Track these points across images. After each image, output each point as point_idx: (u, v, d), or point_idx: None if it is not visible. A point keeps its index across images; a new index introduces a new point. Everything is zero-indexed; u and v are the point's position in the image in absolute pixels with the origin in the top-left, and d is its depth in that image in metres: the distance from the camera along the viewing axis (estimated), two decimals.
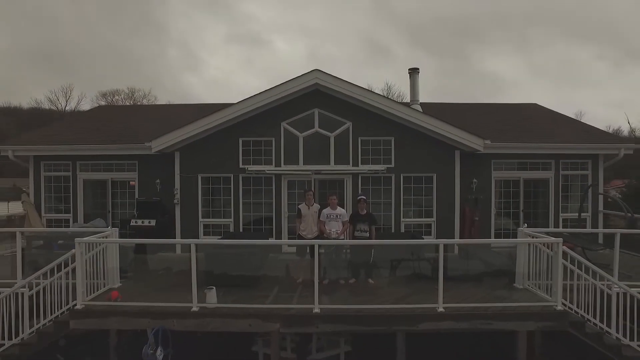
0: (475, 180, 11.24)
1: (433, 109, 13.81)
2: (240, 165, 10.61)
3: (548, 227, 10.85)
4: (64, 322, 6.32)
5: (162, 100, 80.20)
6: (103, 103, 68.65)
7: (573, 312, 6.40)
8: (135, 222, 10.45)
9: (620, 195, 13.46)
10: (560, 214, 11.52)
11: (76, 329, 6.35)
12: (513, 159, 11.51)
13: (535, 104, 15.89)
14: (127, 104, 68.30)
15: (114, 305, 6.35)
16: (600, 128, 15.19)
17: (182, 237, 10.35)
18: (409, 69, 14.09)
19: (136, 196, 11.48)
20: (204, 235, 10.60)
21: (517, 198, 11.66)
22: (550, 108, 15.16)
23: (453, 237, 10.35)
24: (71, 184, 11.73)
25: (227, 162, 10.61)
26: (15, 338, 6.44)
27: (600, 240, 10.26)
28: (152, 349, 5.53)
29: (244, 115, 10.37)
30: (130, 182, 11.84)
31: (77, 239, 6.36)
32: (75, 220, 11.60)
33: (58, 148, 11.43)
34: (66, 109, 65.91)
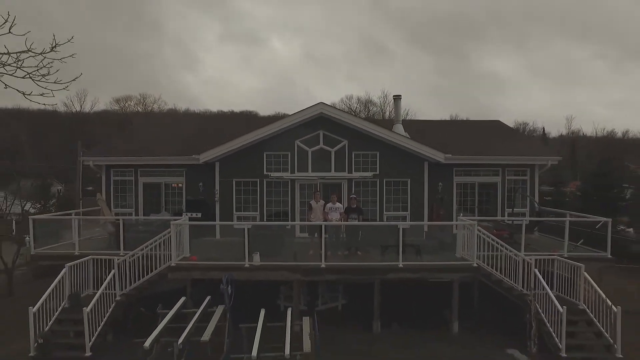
0: (441, 183, 14.91)
1: (413, 126, 17.60)
2: (265, 172, 14.30)
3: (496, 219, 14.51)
4: (163, 274, 10.00)
5: (170, 103, 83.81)
6: (116, 108, 72.45)
7: (492, 272, 10.08)
8: (186, 214, 14.09)
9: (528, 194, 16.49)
10: (506, 209, 15.16)
11: (172, 279, 10.03)
12: (470, 168, 15.18)
13: (498, 121, 19.61)
14: (139, 109, 72.15)
15: (195, 263, 10.03)
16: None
17: (222, 231, 13.94)
18: (393, 96, 17.82)
19: (183, 196, 15.16)
20: (239, 225, 14.23)
21: (473, 197, 15.34)
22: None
23: (422, 227, 14.01)
24: (133, 186, 15.43)
25: (255, 170, 14.29)
26: (130, 285, 10.13)
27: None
28: (225, 286, 9.15)
29: (267, 136, 14.05)
30: (174, 185, 15.52)
31: (172, 222, 10.08)
32: (136, 213, 15.25)
33: (125, 159, 15.13)
34: (80, 111, 69.59)
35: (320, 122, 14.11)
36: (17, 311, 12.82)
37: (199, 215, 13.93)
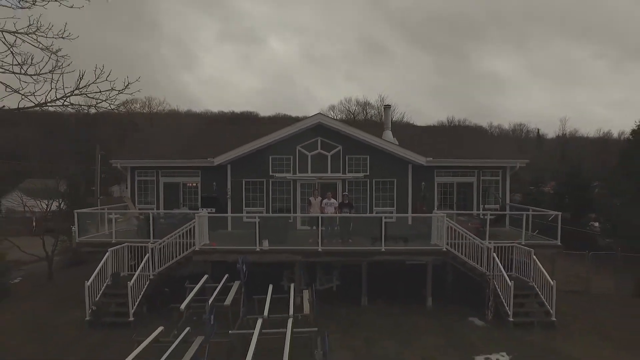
0: (423, 183, 17.11)
1: (404, 132, 19.85)
2: (270, 173, 16.51)
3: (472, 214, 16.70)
4: (189, 257, 12.23)
5: (172, 104, 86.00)
6: (122, 110, 74.80)
7: (458, 255, 12.29)
8: (202, 209, 16.30)
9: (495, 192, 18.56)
10: (480, 206, 17.38)
11: (196, 260, 12.25)
12: (449, 169, 17.37)
13: (479, 127, 21.85)
14: (145, 110, 74.47)
15: (215, 248, 12.26)
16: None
17: (233, 223, 16.14)
18: (384, 105, 20.03)
19: (199, 194, 17.37)
20: (248, 218, 16.45)
21: (452, 195, 17.54)
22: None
23: (407, 221, 16.18)
24: (155, 185, 17.65)
25: (261, 171, 16.49)
26: (160, 267, 12.35)
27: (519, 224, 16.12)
28: (241, 265, 11.34)
29: (273, 142, 16.25)
30: (190, 184, 17.73)
31: (196, 214, 12.29)
32: (157, 209, 17.44)
33: (148, 162, 17.34)
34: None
35: (318, 130, 16.32)
36: (62, 290, 15.14)
37: (213, 210, 16.11)
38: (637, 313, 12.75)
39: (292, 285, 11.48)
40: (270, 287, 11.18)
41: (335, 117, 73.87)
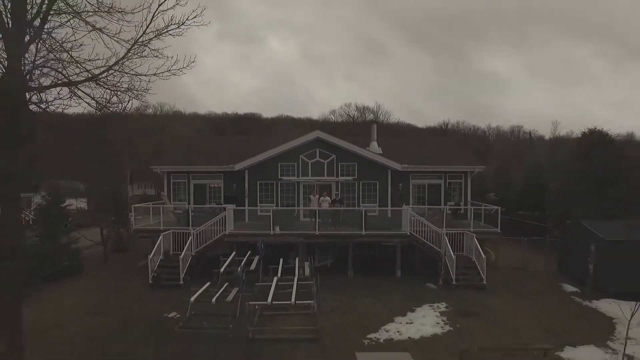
0: (400, 184, 21.46)
1: (387, 142, 24.12)
2: (279, 177, 20.89)
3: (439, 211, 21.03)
4: (221, 239, 16.66)
5: (177, 106, 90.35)
6: (142, 111, 79.46)
7: (418, 238, 16.66)
8: (225, 206, 20.70)
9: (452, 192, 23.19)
10: (446, 204, 21.71)
11: (227, 241, 16.68)
12: (421, 173, 21.72)
13: (449, 138, 26.13)
14: (157, 112, 78.89)
15: (241, 232, 16.68)
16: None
17: (249, 214, 20.50)
18: (371, 120, 24.37)
19: (222, 193, 21.76)
20: (261, 212, 20.84)
21: (424, 194, 21.90)
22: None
23: (387, 214, 20.48)
24: (186, 186, 22.07)
25: (272, 175, 20.87)
26: (198, 247, 16.76)
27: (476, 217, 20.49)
28: (260, 244, 15.71)
29: (281, 152, 20.63)
30: (214, 185, 22.13)
31: (227, 207, 16.72)
32: (189, 205, 21.83)
33: (181, 168, 21.77)
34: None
35: (317, 143, 20.73)
36: (120, 267, 19.60)
37: (235, 205, 20.57)
38: (549, 281, 17.12)
39: (297, 260, 15.86)
40: (281, 260, 15.58)
41: (335, 121, 78.27)
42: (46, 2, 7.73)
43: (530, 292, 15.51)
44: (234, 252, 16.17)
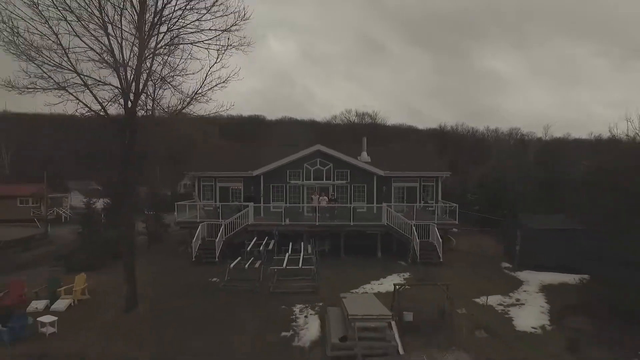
0: (384, 187, 26.90)
1: (376, 151, 29.55)
2: (287, 180, 26.41)
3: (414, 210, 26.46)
4: (245, 228, 22.21)
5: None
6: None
7: (392, 227, 22.13)
8: (245, 204, 26.22)
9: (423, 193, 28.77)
10: (420, 202, 27.14)
11: (249, 230, 22.21)
12: (401, 178, 27.17)
13: (424, 146, 31.58)
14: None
15: (261, 222, 22.23)
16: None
17: (264, 211, 25.98)
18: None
19: (241, 194, 27.28)
20: (273, 208, 26.29)
21: (403, 195, 27.35)
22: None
23: (373, 210, 25.91)
24: (213, 189, 27.61)
25: (282, 179, 26.38)
26: (227, 234, 22.29)
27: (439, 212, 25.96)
28: (275, 232, 21.16)
29: (289, 162, 26.11)
30: (235, 187, 27.65)
31: (249, 204, 22.28)
32: (215, 202, 27.37)
33: (209, 173, 27.31)
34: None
35: (318, 154, 26.23)
36: (162, 251, 25.17)
37: (252, 204, 26.10)
38: (493, 260, 22.54)
39: (302, 244, 21.33)
40: (290, 244, 21.06)
41: (338, 123, 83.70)
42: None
43: (474, 267, 20.96)
44: (255, 238, 21.67)
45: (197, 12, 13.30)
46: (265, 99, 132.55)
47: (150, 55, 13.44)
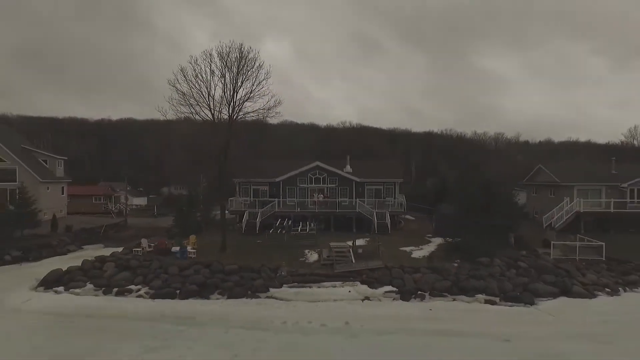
0: (360, 188, 41.47)
1: (355, 164, 44.29)
2: (298, 185, 41.04)
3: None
4: (273, 213, 36.85)
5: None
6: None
7: (362, 212, 36.72)
8: (271, 200, 40.79)
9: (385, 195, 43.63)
10: (382, 198, 41.69)
11: (276, 215, 36.90)
12: (371, 182, 41.76)
13: (390, 160, 46.25)
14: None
15: (283, 210, 36.91)
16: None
17: (283, 204, 40.49)
18: (347, 156, 44.59)
19: (267, 194, 41.87)
20: (289, 202, 40.82)
21: (372, 194, 41.93)
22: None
23: (352, 204, 40.36)
24: (249, 190, 42.22)
25: (294, 183, 41.00)
26: (261, 218, 36.92)
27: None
28: (291, 216, 35.61)
29: (299, 172, 40.74)
30: (262, 188, 42.26)
31: (275, 199, 36.96)
32: (250, 199, 41.96)
33: (245, 179, 41.90)
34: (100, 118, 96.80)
35: (317, 167, 40.91)
36: (215, 231, 40.08)
37: (276, 199, 40.75)
38: (424, 235, 37.11)
39: (307, 223, 35.87)
40: (301, 223, 35.65)
41: (338, 127, 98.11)
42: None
43: (409, 236, 35.54)
44: (279, 219, 36.22)
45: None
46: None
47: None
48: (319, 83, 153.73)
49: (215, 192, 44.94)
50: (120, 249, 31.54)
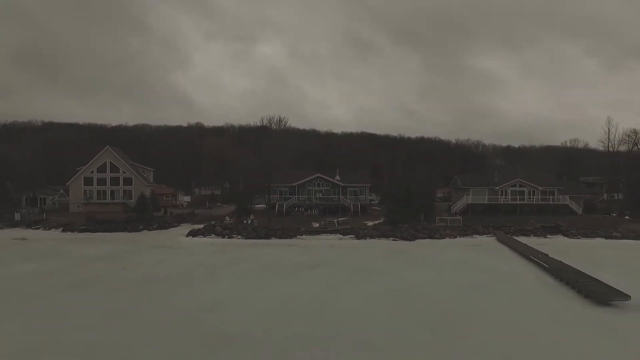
0: (344, 189, 67.97)
1: (342, 173, 71.06)
2: (306, 187, 67.63)
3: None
4: (293, 204, 63.46)
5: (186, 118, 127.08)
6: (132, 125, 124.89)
7: (344, 203, 63.22)
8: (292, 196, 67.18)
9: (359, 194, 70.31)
10: (358, 196, 68.13)
11: (294, 206, 63.54)
12: (351, 185, 68.26)
13: (366, 170, 72.96)
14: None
15: (297, 203, 63.56)
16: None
17: (298, 199, 66.81)
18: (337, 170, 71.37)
19: (288, 193, 68.39)
20: (301, 198, 67.12)
21: (353, 193, 68.47)
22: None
23: (340, 200, 66.63)
24: (276, 190, 68.79)
25: (304, 186, 67.51)
26: (284, 207, 63.49)
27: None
28: (303, 207, 61.91)
29: (306, 180, 67.29)
30: (284, 190, 68.79)
31: (292, 196, 63.70)
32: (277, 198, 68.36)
33: (274, 184, 68.49)
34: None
35: (318, 178, 67.55)
36: (261, 213, 67.13)
37: (292, 197, 67.30)
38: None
39: (313, 210, 62.23)
40: (309, 210, 62.09)
41: (337, 133, 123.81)
42: None
43: (371, 217, 61.98)
44: (296, 208, 62.63)
45: None
46: (260, 99, 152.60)
47: None
48: (314, 83, 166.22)
49: (249, 192, 71.83)
50: (201, 226, 57.77)
